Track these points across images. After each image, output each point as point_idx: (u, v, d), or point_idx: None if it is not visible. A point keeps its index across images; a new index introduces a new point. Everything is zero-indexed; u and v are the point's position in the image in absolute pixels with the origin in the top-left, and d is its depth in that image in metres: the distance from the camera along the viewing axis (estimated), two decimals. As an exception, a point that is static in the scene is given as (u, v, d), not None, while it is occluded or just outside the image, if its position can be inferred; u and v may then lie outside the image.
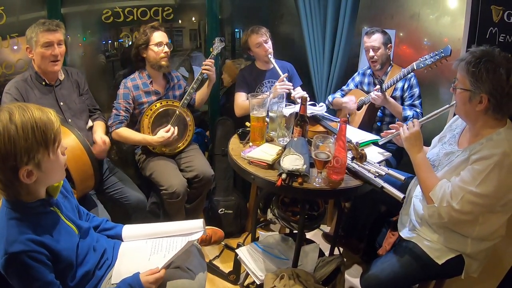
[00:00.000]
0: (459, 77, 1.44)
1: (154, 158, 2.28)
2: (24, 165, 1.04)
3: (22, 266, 1.05)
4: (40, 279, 1.08)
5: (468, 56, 1.39)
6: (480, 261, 1.54)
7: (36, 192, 1.14)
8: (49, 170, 1.12)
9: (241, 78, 2.62)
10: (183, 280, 1.34)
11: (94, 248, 1.34)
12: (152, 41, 2.20)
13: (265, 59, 2.54)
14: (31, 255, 1.06)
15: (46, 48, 1.84)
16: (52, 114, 1.11)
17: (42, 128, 1.06)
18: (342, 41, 2.69)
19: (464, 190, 1.36)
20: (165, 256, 1.38)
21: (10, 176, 1.05)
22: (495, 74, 1.32)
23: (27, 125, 1.04)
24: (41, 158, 1.07)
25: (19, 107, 1.07)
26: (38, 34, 1.81)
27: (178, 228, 1.51)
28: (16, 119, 1.03)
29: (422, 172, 1.53)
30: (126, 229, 1.52)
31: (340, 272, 1.79)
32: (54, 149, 1.11)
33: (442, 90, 2.46)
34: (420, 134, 1.60)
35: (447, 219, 1.41)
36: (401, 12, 2.62)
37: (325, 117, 2.08)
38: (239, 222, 2.68)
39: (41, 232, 1.11)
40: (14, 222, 1.08)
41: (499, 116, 1.39)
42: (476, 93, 1.37)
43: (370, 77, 2.55)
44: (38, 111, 1.08)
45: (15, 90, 1.83)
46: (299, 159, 1.50)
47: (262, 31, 2.50)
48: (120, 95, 2.21)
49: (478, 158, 1.37)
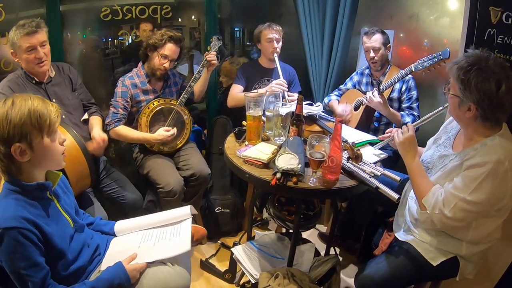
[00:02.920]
0: (451, 82, 1.41)
1: (152, 156, 2.29)
2: (17, 141, 1.12)
3: (13, 242, 1.09)
4: (29, 258, 1.11)
5: (461, 60, 1.35)
6: (475, 263, 1.53)
7: (31, 174, 1.20)
8: (43, 154, 1.18)
9: (241, 71, 2.65)
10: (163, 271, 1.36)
11: (88, 245, 1.37)
12: (161, 50, 2.19)
13: (270, 56, 2.56)
14: (23, 233, 1.10)
15: (29, 52, 1.81)
16: (53, 106, 1.21)
17: (38, 113, 1.15)
18: (341, 41, 2.69)
19: (456, 198, 1.34)
20: (155, 245, 1.42)
21: (4, 151, 1.12)
22: (484, 85, 1.28)
23: (25, 107, 1.13)
24: (33, 139, 1.14)
25: (23, 96, 1.17)
26: (19, 39, 1.77)
27: (167, 217, 1.56)
28: (17, 103, 1.14)
29: (416, 177, 1.51)
30: (118, 225, 1.56)
31: (335, 272, 1.78)
32: (48, 134, 1.18)
33: (440, 92, 2.45)
34: (415, 139, 1.57)
35: (439, 225, 1.40)
36: (400, 12, 2.61)
37: (322, 116, 2.08)
38: (235, 221, 2.68)
39: (35, 214, 1.16)
40: (12, 201, 1.14)
41: (488, 124, 1.36)
42: (464, 100, 1.34)
43: (368, 77, 2.54)
44: (39, 101, 1.18)
45: (8, 89, 1.81)
46: (294, 158, 1.50)
47: (278, 29, 2.54)
48: (118, 93, 2.21)
49: (471, 164, 1.34)
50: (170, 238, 1.46)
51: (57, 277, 1.20)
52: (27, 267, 1.11)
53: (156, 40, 2.18)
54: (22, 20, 1.81)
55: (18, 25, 1.79)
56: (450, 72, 1.40)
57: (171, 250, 1.39)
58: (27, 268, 1.11)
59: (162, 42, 2.18)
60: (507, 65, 1.32)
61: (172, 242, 1.44)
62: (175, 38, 2.21)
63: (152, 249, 1.41)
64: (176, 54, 2.25)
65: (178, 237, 1.46)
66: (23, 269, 1.10)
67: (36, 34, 1.80)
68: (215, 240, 2.61)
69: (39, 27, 1.81)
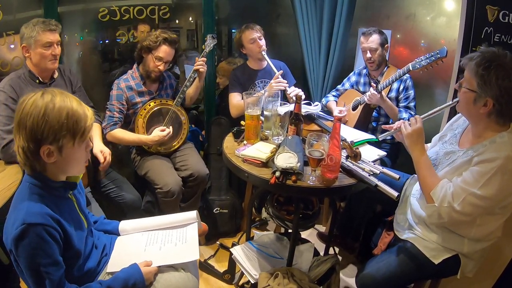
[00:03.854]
0: (467, 77, 1.41)
1: (149, 157, 2.28)
2: (48, 144, 1.09)
3: (37, 238, 1.06)
4: (50, 256, 1.10)
5: (479, 56, 1.36)
6: (476, 261, 1.53)
7: (54, 174, 1.17)
8: (69, 158, 1.15)
9: (234, 78, 2.61)
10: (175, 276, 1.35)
11: (95, 246, 1.37)
12: (155, 52, 2.18)
13: (258, 56, 2.53)
14: (48, 230, 1.08)
15: (46, 48, 1.83)
16: (89, 110, 1.18)
17: (75, 118, 1.12)
18: (338, 41, 2.70)
19: (466, 192, 1.35)
20: (161, 249, 1.41)
21: (33, 149, 1.09)
22: (505, 81, 1.29)
23: (63, 109, 1.10)
24: (65, 143, 1.11)
25: (62, 93, 1.14)
26: (39, 33, 1.80)
27: (173, 220, 1.54)
28: (56, 101, 1.10)
29: (423, 170, 1.51)
30: (122, 224, 1.54)
31: (335, 272, 1.78)
32: (80, 141, 1.15)
33: (437, 92, 2.47)
34: (423, 131, 1.55)
35: (447, 219, 1.41)
36: (397, 12, 2.62)
37: (320, 116, 2.08)
38: (234, 222, 2.67)
39: (58, 213, 1.14)
40: (36, 197, 1.12)
41: (501, 121, 1.38)
42: (481, 96, 1.35)
43: (366, 77, 2.55)
44: (77, 102, 1.15)
45: (10, 87, 1.81)
46: (293, 157, 1.50)
47: (256, 28, 2.50)
48: (113, 96, 2.19)
49: (481, 160, 1.35)
50: (176, 243, 1.45)
51: (70, 277, 1.18)
52: (48, 265, 1.09)
53: (151, 42, 2.16)
54: (36, 19, 1.85)
55: (37, 21, 1.83)
56: (466, 67, 1.41)
57: (179, 257, 1.38)
58: (47, 266, 1.09)
59: (156, 44, 2.16)
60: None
61: (179, 248, 1.42)
62: (169, 40, 2.19)
63: (159, 253, 1.39)
64: (171, 56, 2.23)
65: (185, 244, 1.44)
66: (44, 266, 1.08)
67: (55, 33, 1.86)
68: (213, 241, 2.60)
69: (58, 27, 1.87)
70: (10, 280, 1.77)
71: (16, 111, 1.11)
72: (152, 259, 1.35)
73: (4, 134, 1.77)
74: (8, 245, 1.10)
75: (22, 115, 1.08)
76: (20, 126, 1.09)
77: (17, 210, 1.10)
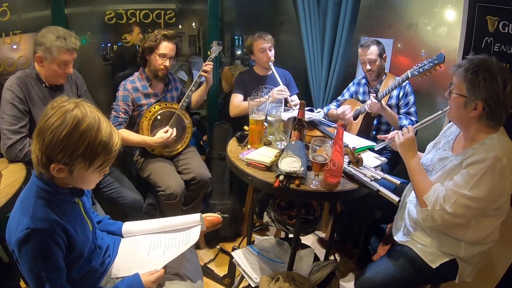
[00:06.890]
0: (456, 83, 1.46)
1: (153, 159, 2.29)
2: (61, 164, 1.07)
3: (40, 243, 1.06)
4: (53, 261, 1.09)
5: (466, 63, 1.42)
6: (474, 266, 1.55)
7: (62, 184, 1.15)
8: (79, 180, 1.14)
9: (239, 81, 2.66)
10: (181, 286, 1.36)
11: (98, 246, 1.36)
12: (157, 50, 2.22)
13: (265, 65, 2.59)
14: (52, 236, 1.07)
15: (62, 66, 1.82)
16: (118, 136, 1.14)
17: (96, 150, 1.08)
18: (341, 50, 2.73)
19: (457, 194, 1.38)
20: (165, 253, 1.40)
21: (45, 162, 1.07)
22: (492, 84, 1.35)
23: (85, 140, 1.06)
24: (78, 168, 1.09)
25: (94, 115, 1.09)
26: (59, 52, 1.77)
27: (177, 222, 1.53)
28: (83, 125, 1.05)
29: (416, 176, 1.56)
30: (126, 226, 1.53)
31: (335, 277, 1.79)
32: (94, 168, 1.12)
33: (437, 98, 2.50)
34: (415, 140, 1.63)
35: (440, 222, 1.43)
36: (399, 22, 2.67)
37: (323, 122, 2.10)
38: (234, 227, 2.68)
39: (64, 219, 1.12)
40: (42, 201, 1.10)
41: (491, 124, 1.42)
42: (471, 99, 1.40)
43: (365, 87, 2.58)
44: (107, 135, 1.10)
45: (17, 87, 1.80)
46: (297, 161, 1.52)
47: (268, 38, 2.56)
48: (119, 97, 2.22)
49: (471, 162, 1.39)
50: (179, 246, 1.44)
51: (69, 279, 1.18)
52: (50, 270, 1.08)
53: (151, 42, 2.21)
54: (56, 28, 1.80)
55: (59, 35, 1.77)
56: (455, 74, 1.46)
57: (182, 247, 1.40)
58: (49, 271, 1.08)
59: (156, 42, 2.21)
60: (507, 68, 1.42)
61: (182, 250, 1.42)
62: (168, 36, 2.23)
63: (162, 257, 1.38)
64: (173, 51, 2.27)
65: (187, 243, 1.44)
66: (45, 271, 1.07)
67: (75, 52, 1.84)
68: (213, 245, 2.61)
69: (77, 45, 1.83)
70: (9, 278, 1.77)
71: (42, 115, 1.08)
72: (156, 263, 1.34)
73: (10, 134, 1.77)
74: (11, 246, 1.09)
75: (44, 125, 1.05)
76: (39, 135, 1.06)
77: (22, 212, 1.08)
